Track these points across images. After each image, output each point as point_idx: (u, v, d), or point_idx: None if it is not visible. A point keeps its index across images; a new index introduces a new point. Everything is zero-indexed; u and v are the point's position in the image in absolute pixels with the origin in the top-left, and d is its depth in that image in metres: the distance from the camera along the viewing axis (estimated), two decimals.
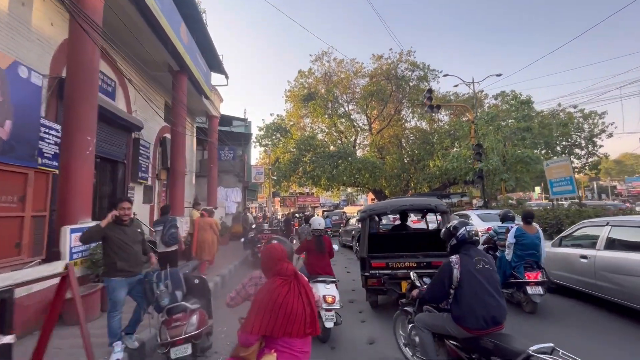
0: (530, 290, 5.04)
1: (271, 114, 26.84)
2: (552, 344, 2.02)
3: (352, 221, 15.41)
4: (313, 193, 48.80)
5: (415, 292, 3.21)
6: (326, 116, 26.04)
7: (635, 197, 52.38)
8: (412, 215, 10.28)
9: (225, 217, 16.86)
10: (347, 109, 28.70)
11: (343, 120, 27.65)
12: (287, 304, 1.84)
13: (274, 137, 26.32)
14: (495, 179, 13.57)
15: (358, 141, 31.05)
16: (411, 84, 27.40)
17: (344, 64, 28.62)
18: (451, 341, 2.74)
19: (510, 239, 5.49)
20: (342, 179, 24.92)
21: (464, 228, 2.71)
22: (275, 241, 2.42)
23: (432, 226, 8.22)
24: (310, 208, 50.44)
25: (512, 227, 5.68)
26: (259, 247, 10.33)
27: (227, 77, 16.32)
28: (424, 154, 26.57)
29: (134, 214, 5.06)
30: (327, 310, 4.25)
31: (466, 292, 2.47)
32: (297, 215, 20.36)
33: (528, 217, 5.64)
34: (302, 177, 26.29)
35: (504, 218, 6.45)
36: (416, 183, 29.26)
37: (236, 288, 2.78)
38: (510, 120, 15.15)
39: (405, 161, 28.38)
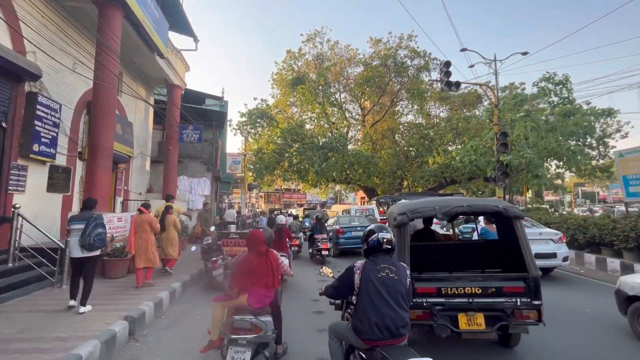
0: None
1: (255, 98, 22.99)
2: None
3: (330, 221, 13.39)
4: (299, 190, 45.53)
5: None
6: (317, 103, 22.66)
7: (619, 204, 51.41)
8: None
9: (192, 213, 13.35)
10: (339, 98, 25.35)
11: (335, 109, 24.24)
12: (254, 269, 3.17)
13: (257, 125, 22.79)
14: (528, 176, 10.57)
15: (350, 135, 27.87)
16: (410, 73, 24.34)
17: (337, 49, 25.29)
18: (359, 352, 2.49)
19: (476, 236, 5.89)
20: (331, 174, 21.62)
21: (376, 234, 2.49)
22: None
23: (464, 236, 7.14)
24: (296, 205, 47.09)
25: (479, 226, 6.03)
26: (214, 262, 6.91)
27: (196, 40, 12.75)
28: (423, 150, 23.58)
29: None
30: None
31: (363, 301, 2.33)
32: (279, 213, 17.04)
33: (490, 219, 6.16)
34: (288, 170, 22.87)
35: (468, 219, 6.70)
36: (412, 181, 26.28)
37: (234, 259, 3.57)
38: (544, 105, 12.19)
39: (401, 157, 25.34)
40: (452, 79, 11.07)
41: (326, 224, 13.36)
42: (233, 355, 2.91)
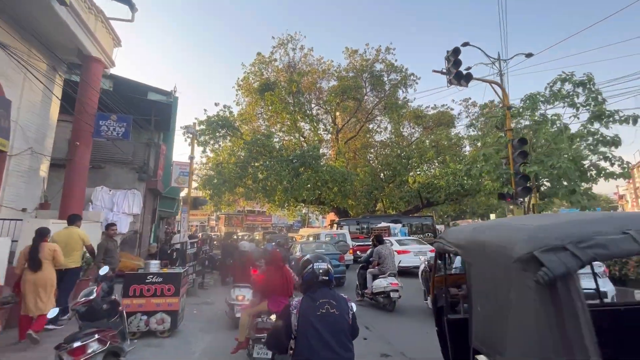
0: None
1: (216, 104, 19.66)
2: None
3: (297, 249, 10.72)
4: (264, 211, 41.57)
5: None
6: (287, 113, 19.79)
7: None
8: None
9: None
10: (312, 111, 22.76)
11: (306, 123, 21.51)
12: (272, 280, 3.91)
13: (217, 135, 19.32)
14: (561, 191, 8.28)
15: (321, 152, 25.25)
16: (386, 88, 22.58)
17: (310, 58, 23.03)
18: None
19: (457, 263, 6.20)
20: (302, 192, 18.52)
21: (311, 265, 2.16)
22: None
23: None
24: (260, 229, 42.84)
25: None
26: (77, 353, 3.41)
27: (133, 9, 9.46)
28: (401, 168, 21.41)
29: None
30: (237, 305, 5.39)
31: (302, 347, 1.97)
32: (237, 237, 13.41)
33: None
34: (251, 187, 19.41)
35: None
36: (390, 202, 23.89)
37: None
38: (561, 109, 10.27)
39: (377, 176, 22.98)
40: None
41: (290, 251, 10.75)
42: (258, 351, 3.57)
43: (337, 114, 24.02)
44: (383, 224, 20.21)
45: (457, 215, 57.69)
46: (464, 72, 8.68)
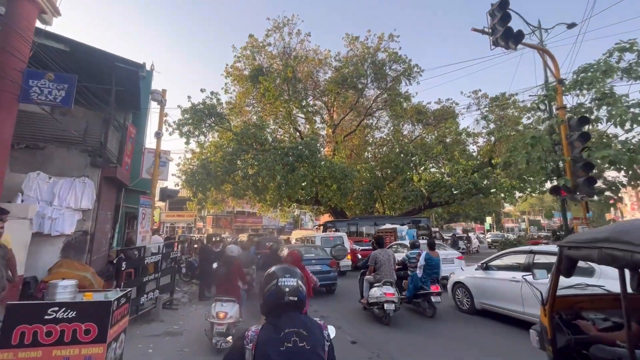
0: (433, 298, 6.17)
1: (202, 90, 17.22)
2: None
3: (285, 251, 8.71)
4: (255, 212, 39.08)
5: None
6: (282, 101, 17.56)
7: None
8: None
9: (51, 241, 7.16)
10: (309, 102, 20.56)
11: (302, 112, 19.26)
12: None
13: (203, 125, 16.98)
14: None
15: (318, 145, 23.10)
16: (388, 79, 20.67)
17: (306, 45, 20.92)
18: None
19: (422, 261, 6.56)
20: (298, 190, 16.36)
21: (275, 281, 1.50)
22: None
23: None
24: (250, 231, 40.31)
25: (422, 253, 6.72)
26: None
27: None
28: (404, 166, 19.47)
29: None
30: (218, 324, 4.58)
31: None
32: (220, 240, 11.11)
33: (432, 245, 6.99)
34: (240, 183, 17.11)
35: (413, 246, 7.65)
36: (392, 203, 21.90)
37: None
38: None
39: (380, 175, 20.97)
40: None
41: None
42: None
43: (335, 107, 21.98)
44: (388, 226, 18.21)
45: (450, 219, 56.52)
46: (514, 31, 6.72)
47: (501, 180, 14.92)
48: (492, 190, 15.95)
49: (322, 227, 23.67)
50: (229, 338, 4.54)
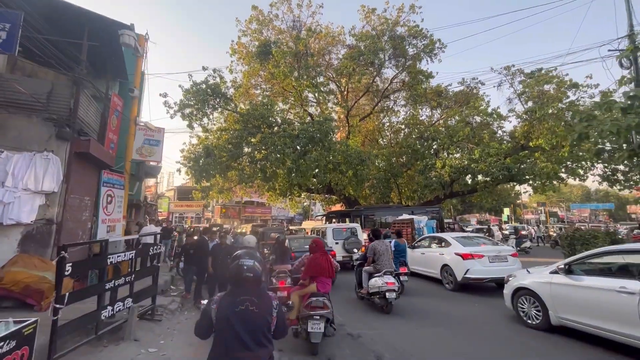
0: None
1: (204, 68, 15.43)
2: None
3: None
4: (264, 203, 37.68)
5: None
6: (292, 78, 15.72)
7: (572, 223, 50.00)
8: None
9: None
10: (320, 81, 18.60)
11: (314, 92, 17.33)
12: (321, 263, 4.51)
13: (206, 106, 15.32)
14: None
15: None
16: (408, 57, 18.56)
17: (318, 17, 18.94)
18: None
19: (392, 247, 7.27)
20: (310, 176, 14.66)
21: (237, 261, 2.02)
22: None
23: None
24: (259, 221, 39.03)
25: (391, 241, 7.54)
26: None
27: None
28: (424, 151, 17.54)
29: None
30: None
31: (217, 339, 1.92)
32: (222, 231, 9.58)
33: (399, 234, 8.68)
34: (247, 169, 15.52)
35: (385, 236, 7.68)
36: (412, 192, 20.07)
37: (298, 261, 5.35)
38: None
39: (397, 161, 19.11)
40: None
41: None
42: (312, 326, 4.03)
43: (348, 90, 19.99)
44: (405, 216, 16.43)
45: (464, 210, 54.05)
46: None
47: (541, 165, 12.93)
48: (526, 177, 13.97)
49: (324, 218, 22.01)
50: None
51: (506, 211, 44.00)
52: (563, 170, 13.20)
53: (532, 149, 13.64)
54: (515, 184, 15.33)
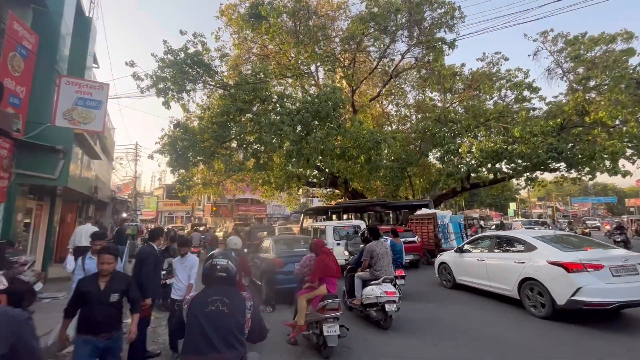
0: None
1: (182, 32, 12.28)
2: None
3: (266, 243, 7.94)
4: (258, 200, 34.54)
5: None
6: (291, 38, 12.62)
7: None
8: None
9: None
10: (324, 49, 15.53)
11: (319, 62, 14.23)
12: (328, 264, 4.30)
13: (186, 79, 12.22)
14: None
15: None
16: (425, 22, 15.70)
17: None
18: None
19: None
20: (314, 160, 11.70)
21: (212, 260, 2.01)
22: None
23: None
24: (254, 220, 35.96)
25: (386, 240, 6.31)
26: None
27: None
28: (444, 136, 14.71)
29: None
30: None
31: (187, 338, 1.87)
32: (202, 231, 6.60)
33: (396, 233, 7.35)
34: (236, 155, 12.50)
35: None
36: (427, 183, 17.26)
37: (300, 263, 4.79)
38: None
39: (412, 147, 16.26)
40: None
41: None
42: (327, 329, 3.80)
43: (356, 63, 17.02)
44: (426, 211, 13.62)
45: (464, 205, 51.55)
46: None
47: (605, 143, 10.20)
48: (581, 158, 11.20)
49: (303, 216, 18.87)
50: None
51: (512, 206, 41.72)
52: (630, 149, 10.52)
53: (590, 125, 10.87)
54: (560, 168, 12.55)
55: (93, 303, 2.56)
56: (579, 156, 10.91)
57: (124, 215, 19.37)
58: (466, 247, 7.35)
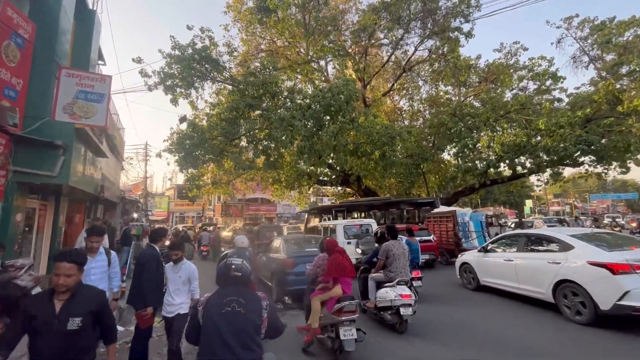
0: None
1: (189, 27, 11.95)
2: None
3: (276, 243, 7.67)
4: (268, 199, 34.25)
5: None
6: (302, 28, 12.14)
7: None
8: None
9: None
10: (334, 41, 15.00)
11: (330, 55, 13.73)
12: (342, 263, 4.04)
13: (193, 75, 11.89)
14: None
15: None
16: (438, 17, 15.02)
17: None
18: None
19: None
20: (327, 156, 11.22)
21: (225, 260, 1.95)
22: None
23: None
24: (264, 219, 35.69)
25: (402, 239, 5.88)
26: None
27: None
28: (461, 131, 14.00)
29: None
30: None
31: (203, 341, 1.78)
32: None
33: (411, 232, 7.08)
34: (244, 151, 12.12)
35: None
36: (443, 180, 16.56)
37: (312, 263, 4.52)
38: None
39: (426, 143, 15.60)
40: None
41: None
42: (344, 333, 3.57)
43: (369, 56, 16.43)
44: (444, 209, 12.96)
45: (477, 203, 50.15)
46: None
47: None
48: (613, 150, 10.39)
49: (307, 215, 18.68)
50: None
51: (528, 203, 40.37)
52: None
53: (623, 115, 10.06)
54: (592, 162, 11.72)
55: (43, 332, 1.83)
56: (612, 148, 10.11)
57: (135, 215, 19.28)
58: (491, 246, 6.75)
